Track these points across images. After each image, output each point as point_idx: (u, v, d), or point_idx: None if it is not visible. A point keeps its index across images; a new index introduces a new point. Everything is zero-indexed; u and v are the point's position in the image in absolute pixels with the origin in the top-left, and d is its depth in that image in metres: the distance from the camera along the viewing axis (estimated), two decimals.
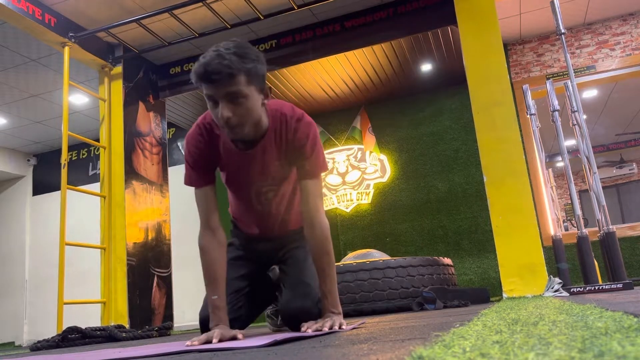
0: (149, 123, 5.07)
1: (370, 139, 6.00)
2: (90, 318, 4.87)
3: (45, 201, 7.25)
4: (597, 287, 3.13)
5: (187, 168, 1.69)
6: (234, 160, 1.68)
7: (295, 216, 1.90)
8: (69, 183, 4.27)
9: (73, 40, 4.32)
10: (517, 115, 3.91)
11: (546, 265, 3.43)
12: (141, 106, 4.98)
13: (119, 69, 4.80)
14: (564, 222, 6.51)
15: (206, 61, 1.42)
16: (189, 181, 1.69)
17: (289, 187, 1.80)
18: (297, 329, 1.60)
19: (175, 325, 5.14)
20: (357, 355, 0.81)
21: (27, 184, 7.46)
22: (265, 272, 1.99)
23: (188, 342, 1.41)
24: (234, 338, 1.45)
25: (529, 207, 3.50)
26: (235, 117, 1.47)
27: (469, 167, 5.58)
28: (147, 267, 4.70)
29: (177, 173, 6.45)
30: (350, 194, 5.98)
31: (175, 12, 4.25)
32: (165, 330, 3.88)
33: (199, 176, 1.66)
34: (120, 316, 4.32)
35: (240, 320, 1.79)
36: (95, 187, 5.98)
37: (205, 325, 1.70)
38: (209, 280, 1.67)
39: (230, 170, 1.72)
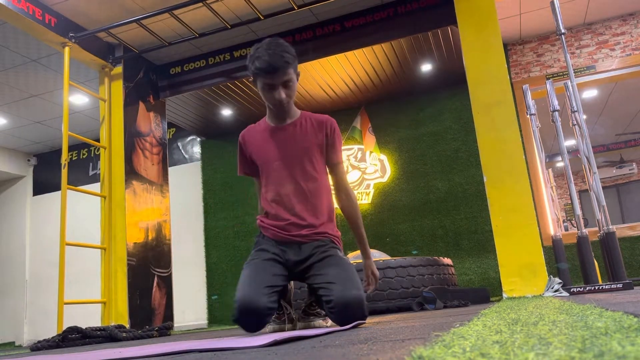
0: (149, 123, 5.07)
1: (370, 139, 6.00)
2: (90, 318, 4.88)
3: (45, 201, 7.26)
4: (597, 287, 3.13)
5: (239, 163, 2.17)
6: (274, 139, 2.08)
7: (322, 209, 2.10)
8: (69, 183, 4.27)
9: (73, 40, 4.32)
10: (517, 115, 3.92)
11: (546, 265, 3.43)
12: (141, 106, 4.98)
13: (119, 69, 4.80)
14: (564, 222, 6.51)
15: (267, 58, 1.89)
16: (240, 172, 2.18)
17: (315, 171, 2.08)
18: (347, 319, 1.79)
19: (175, 325, 5.14)
20: (357, 355, 0.81)
21: (28, 184, 7.46)
22: (291, 278, 2.08)
23: None
24: None
25: (529, 207, 3.50)
26: (287, 97, 1.99)
27: (469, 167, 5.58)
28: (148, 267, 4.70)
29: (177, 173, 6.46)
30: None
31: (175, 12, 4.25)
32: (165, 330, 3.88)
33: (242, 168, 2.16)
34: (121, 316, 4.32)
35: (272, 313, 1.90)
36: (95, 187, 5.99)
37: (244, 310, 1.81)
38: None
39: (271, 148, 2.08)
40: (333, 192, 2.17)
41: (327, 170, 2.14)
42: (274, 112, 2.07)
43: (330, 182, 2.16)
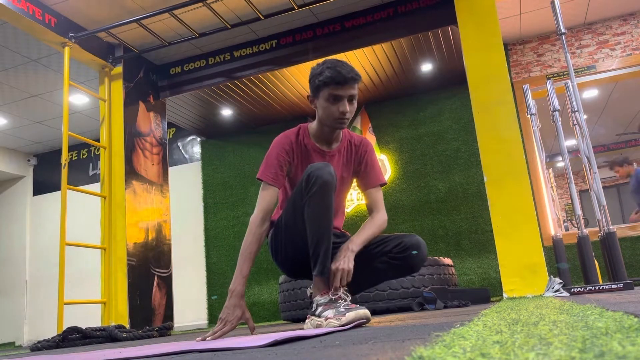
0: (149, 123, 5.07)
1: (370, 138, 6.00)
2: (90, 318, 4.88)
3: (45, 201, 7.26)
4: (597, 287, 3.13)
5: (271, 166, 2.00)
6: (315, 157, 2.05)
7: (339, 219, 2.20)
8: (69, 183, 4.27)
9: (73, 40, 4.32)
10: (518, 115, 3.92)
11: (546, 265, 3.43)
12: (141, 106, 4.98)
13: (119, 69, 4.80)
14: (564, 222, 6.50)
15: (339, 69, 1.91)
16: (265, 176, 1.99)
17: (343, 197, 2.17)
18: (420, 256, 1.97)
19: (175, 325, 5.14)
20: (357, 355, 0.81)
21: (28, 184, 7.46)
22: None
23: (199, 339, 1.74)
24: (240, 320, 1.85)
25: (530, 207, 3.50)
26: (349, 113, 1.97)
27: (470, 167, 5.58)
28: (148, 267, 4.70)
29: (177, 173, 6.46)
30: (351, 194, 5.99)
31: (175, 12, 4.25)
32: (165, 330, 3.88)
33: (277, 177, 2.00)
34: (121, 316, 4.32)
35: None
36: (95, 187, 5.99)
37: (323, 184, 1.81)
38: (245, 252, 1.93)
39: (307, 165, 2.00)
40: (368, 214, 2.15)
41: (363, 193, 2.16)
42: (326, 132, 2.04)
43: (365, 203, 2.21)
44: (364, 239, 1.97)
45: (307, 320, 1.87)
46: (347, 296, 1.85)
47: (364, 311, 1.74)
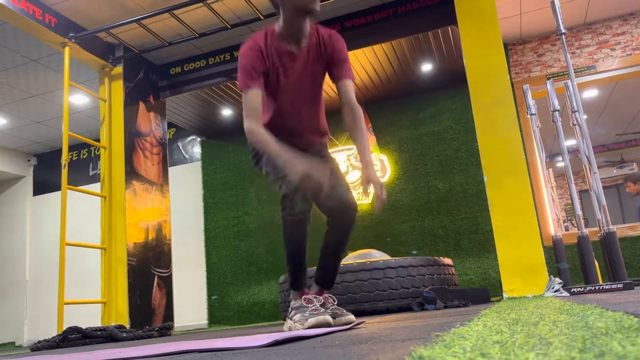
0: (149, 123, 5.07)
1: (370, 138, 6.00)
2: (90, 318, 4.87)
3: (45, 201, 7.26)
4: (597, 287, 3.13)
5: (248, 73, 2.01)
6: (285, 60, 2.06)
7: (321, 125, 2.29)
8: (69, 183, 4.27)
9: (73, 40, 4.32)
10: (518, 115, 3.91)
11: (546, 265, 3.43)
12: (141, 106, 4.98)
13: (119, 69, 4.80)
14: (564, 222, 6.51)
15: None
16: (248, 83, 2.00)
17: (320, 92, 2.21)
18: (344, 216, 2.07)
19: (175, 325, 5.14)
20: (357, 355, 0.81)
21: (28, 184, 7.46)
22: None
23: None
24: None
25: (530, 207, 3.50)
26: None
27: (470, 167, 5.58)
28: (148, 267, 4.70)
29: (177, 173, 6.46)
30: None
31: (176, 12, 4.25)
32: (165, 330, 3.88)
33: (255, 80, 2.00)
34: (121, 316, 4.32)
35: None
36: (95, 187, 5.98)
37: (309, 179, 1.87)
38: (267, 140, 1.96)
39: (281, 69, 2.06)
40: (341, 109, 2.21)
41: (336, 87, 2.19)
42: (295, 25, 2.04)
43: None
44: (368, 147, 2.08)
45: (285, 322, 2.09)
46: (319, 300, 2.04)
47: (324, 317, 1.93)
